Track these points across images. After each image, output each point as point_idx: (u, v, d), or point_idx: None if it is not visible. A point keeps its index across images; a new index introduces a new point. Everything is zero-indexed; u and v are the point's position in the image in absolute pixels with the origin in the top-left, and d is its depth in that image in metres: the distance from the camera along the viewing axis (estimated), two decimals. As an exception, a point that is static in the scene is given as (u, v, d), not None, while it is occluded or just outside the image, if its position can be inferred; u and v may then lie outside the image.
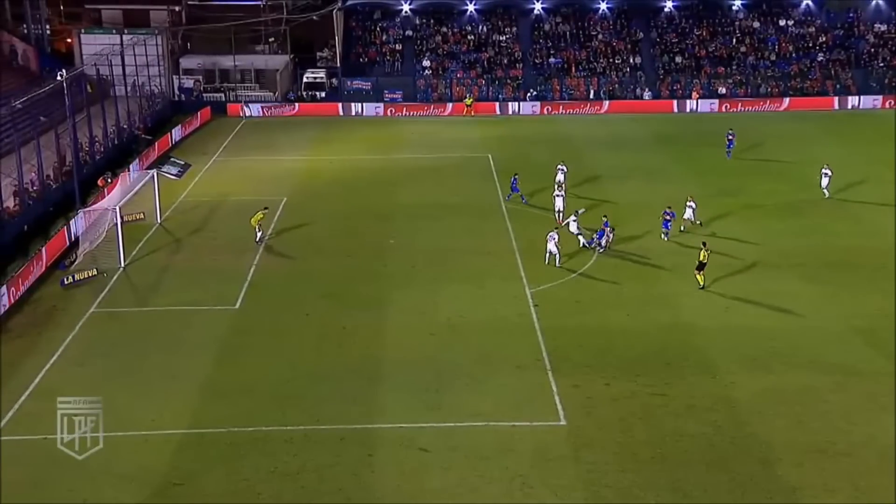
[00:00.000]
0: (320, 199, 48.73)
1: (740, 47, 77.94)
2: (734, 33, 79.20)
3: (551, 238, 38.10)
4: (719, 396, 27.61)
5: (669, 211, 40.43)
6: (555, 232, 38.41)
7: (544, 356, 30.19)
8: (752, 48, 77.87)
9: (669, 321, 32.93)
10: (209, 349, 31.10)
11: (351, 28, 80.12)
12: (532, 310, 33.91)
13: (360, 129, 67.24)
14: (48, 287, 36.85)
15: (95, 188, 48.53)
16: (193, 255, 40.67)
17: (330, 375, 29.07)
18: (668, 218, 40.26)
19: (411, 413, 26.69)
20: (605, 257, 38.81)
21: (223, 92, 75.09)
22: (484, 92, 74.78)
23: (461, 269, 38.18)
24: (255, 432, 25.74)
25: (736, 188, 49.04)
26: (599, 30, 79.75)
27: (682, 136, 63.26)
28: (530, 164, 53.56)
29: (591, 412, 26.71)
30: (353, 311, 33.94)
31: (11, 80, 62.32)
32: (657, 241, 40.51)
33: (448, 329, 32.48)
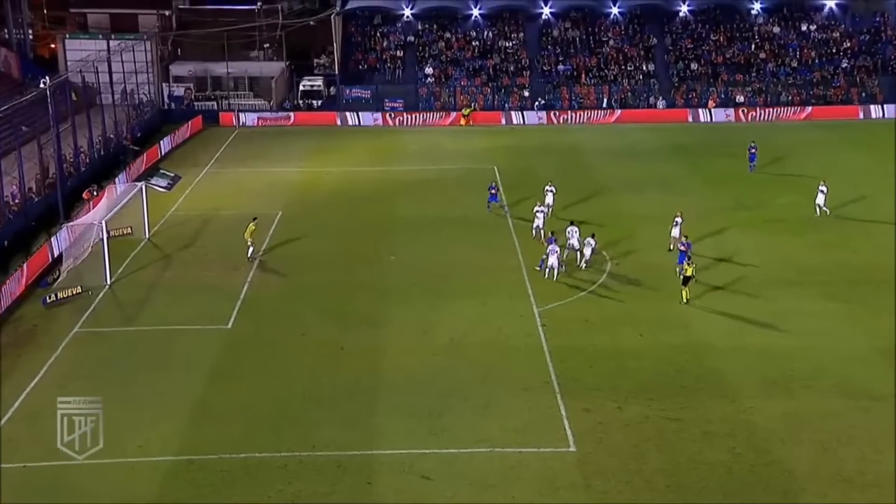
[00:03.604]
0: (317, 213, 48.84)
1: (760, 53, 78.19)
2: (753, 39, 79.47)
3: (552, 251, 38.16)
4: (737, 421, 27.56)
5: (686, 242, 38.56)
6: (556, 245, 38.50)
7: (553, 378, 30.17)
8: (773, 54, 78.11)
9: (684, 341, 32.92)
10: (200, 371, 31.09)
11: (350, 34, 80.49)
12: (540, 329, 33.92)
13: (358, 140, 67.44)
14: (29, 306, 36.86)
15: (80, 201, 48.67)
16: (183, 271, 40.72)
17: (327, 398, 29.06)
18: (683, 249, 38.19)
19: (412, 438, 26.67)
20: (616, 274, 38.81)
21: (215, 100, 75.36)
22: (489, 100, 75.03)
23: (465, 285, 38.21)
24: (247, 459, 25.71)
25: (754, 201, 49.11)
26: (611, 35, 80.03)
27: (698, 146, 63.37)
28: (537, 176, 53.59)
29: (602, 438, 26.67)
30: (351, 331, 33.96)
31: (-8, 87, 62.59)
32: (670, 256, 40.48)
33: (451, 349, 32.48)
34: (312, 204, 50.75)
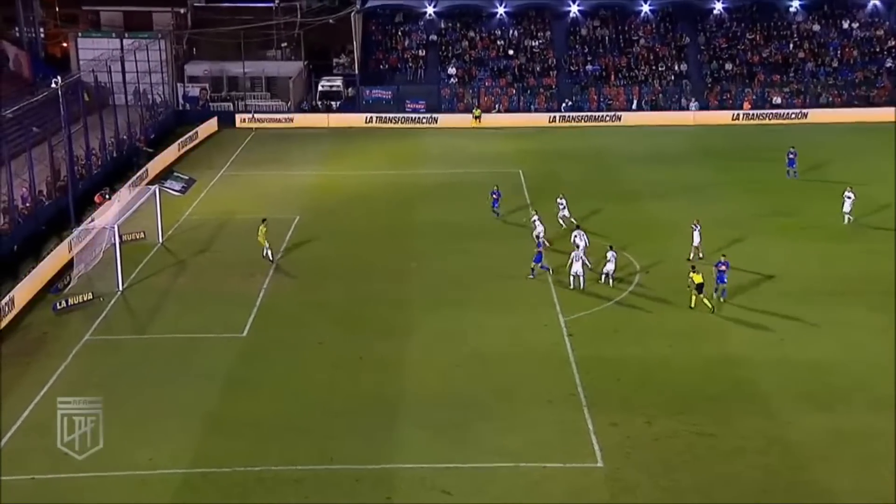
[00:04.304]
0: (335, 218, 49.01)
1: (798, 53, 77.79)
2: (791, 37, 79.07)
3: (577, 258, 38.17)
4: (773, 437, 27.40)
5: (724, 261, 37.11)
6: (580, 251, 38.62)
7: (579, 390, 30.12)
8: (812, 53, 77.69)
9: (716, 353, 32.79)
10: (213, 381, 31.24)
11: (370, 32, 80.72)
12: (566, 339, 33.89)
13: (379, 142, 67.64)
14: (39, 312, 37.18)
15: (92, 205, 49.04)
16: (198, 277, 40.97)
17: (345, 410, 29.13)
18: (723, 269, 36.73)
19: (433, 452, 26.69)
20: (645, 283, 38.70)
21: (231, 101, 75.82)
22: (514, 102, 75.07)
23: (488, 294, 38.25)
24: (262, 472, 25.79)
25: (792, 207, 48.86)
26: (641, 34, 79.89)
27: (732, 150, 63.14)
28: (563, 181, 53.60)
29: (630, 453, 26.59)
30: (370, 340, 34.04)
31: (2, 87, 62.99)
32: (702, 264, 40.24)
33: (474, 360, 32.49)
34: (330, 208, 50.94)
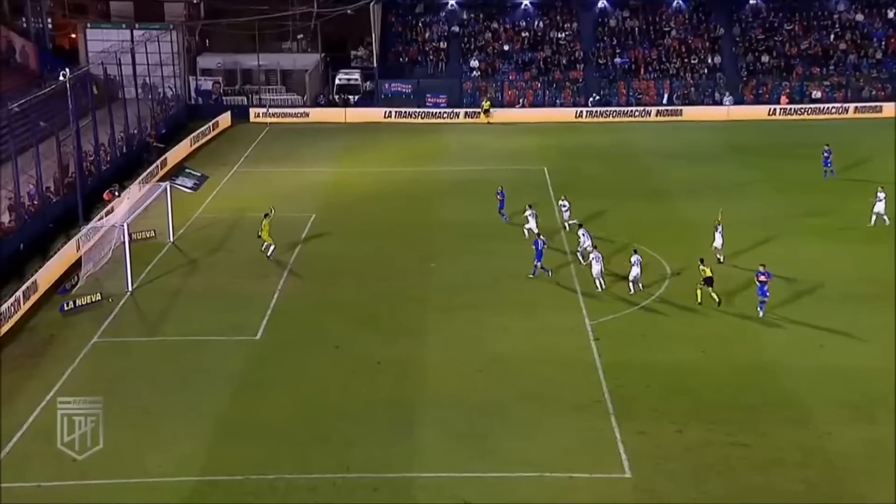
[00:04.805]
0: (353, 216, 49.14)
1: (839, 44, 77.36)
2: (832, 27, 78.65)
3: (596, 259, 38.24)
4: (812, 448, 27.23)
5: (764, 271, 35.97)
6: (597, 251, 38.74)
7: (606, 397, 30.06)
8: (855, 45, 77.26)
9: (752, 359, 32.67)
10: (226, 385, 31.36)
11: (389, 24, 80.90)
12: (592, 344, 33.84)
13: (398, 138, 67.81)
14: (46, 313, 37.40)
15: (101, 202, 49.34)
16: (210, 278, 41.14)
17: (362, 416, 29.16)
18: (763, 280, 35.75)
19: (454, 461, 26.70)
20: (675, 286, 38.58)
21: (245, 95, 76.13)
22: (539, 96, 75.03)
23: (510, 296, 38.25)
24: (275, 480, 25.85)
25: (828, 207, 48.56)
26: (673, 25, 79.73)
27: (767, 147, 62.87)
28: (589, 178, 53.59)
29: (660, 464, 26.51)
30: (388, 343, 34.09)
31: (8, 80, 63.52)
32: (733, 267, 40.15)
33: (496, 364, 32.48)
34: (348, 206, 51.07)
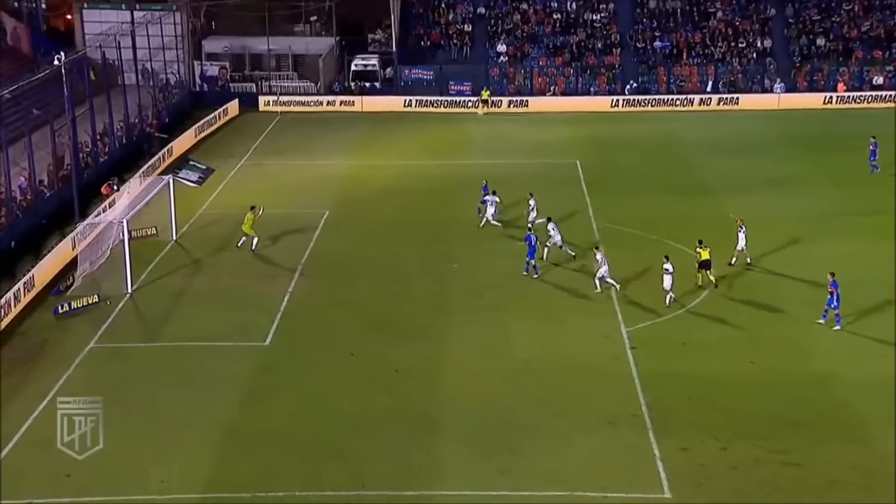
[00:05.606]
0: (369, 213, 49.15)
1: (904, 25, 76.73)
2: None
3: (603, 261, 38.36)
4: (871, 470, 26.94)
5: (833, 280, 35.03)
6: (601, 254, 38.72)
7: (643, 410, 29.93)
8: (921, 26, 76.57)
9: (804, 370, 32.46)
10: (232, 394, 31.37)
11: (410, 5, 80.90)
12: (628, 352, 33.72)
13: (418, 128, 67.83)
14: (39, 316, 37.54)
15: (98, 197, 49.47)
16: (215, 278, 41.23)
17: (378, 428, 29.13)
18: (832, 290, 34.74)
19: (477, 477, 26.62)
20: (719, 290, 38.35)
21: (254, 81, 76.23)
22: (571, 84, 74.80)
23: (539, 299, 38.22)
24: (285, 498, 25.84)
25: (887, 204, 48.13)
26: (719, 6, 79.32)
27: (822, 138, 62.50)
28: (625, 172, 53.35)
29: (703, 484, 26.35)
30: (406, 350, 34.06)
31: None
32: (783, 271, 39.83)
33: (523, 373, 32.42)
34: (363, 202, 51.08)
